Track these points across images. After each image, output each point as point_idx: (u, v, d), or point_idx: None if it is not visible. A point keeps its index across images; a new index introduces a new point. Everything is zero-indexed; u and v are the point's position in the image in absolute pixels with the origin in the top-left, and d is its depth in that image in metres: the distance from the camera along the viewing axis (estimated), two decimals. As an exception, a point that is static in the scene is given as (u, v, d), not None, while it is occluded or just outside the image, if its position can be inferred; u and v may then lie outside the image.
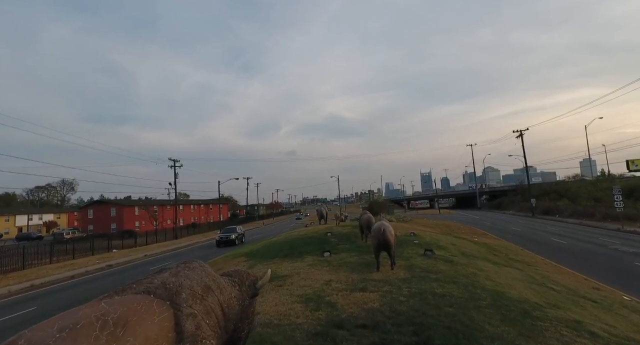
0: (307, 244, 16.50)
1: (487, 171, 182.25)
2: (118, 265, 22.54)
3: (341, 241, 17.37)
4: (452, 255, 12.40)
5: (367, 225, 15.74)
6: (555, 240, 23.88)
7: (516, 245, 22.31)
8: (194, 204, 74.72)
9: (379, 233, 9.53)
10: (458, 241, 19.74)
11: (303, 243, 17.24)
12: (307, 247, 15.58)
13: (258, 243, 25.10)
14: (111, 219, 53.35)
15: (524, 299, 7.46)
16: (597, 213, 36.16)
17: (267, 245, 20.14)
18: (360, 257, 12.00)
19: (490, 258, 14.14)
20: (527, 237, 26.99)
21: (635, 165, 58.24)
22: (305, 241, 17.88)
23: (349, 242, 16.75)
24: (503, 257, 15.76)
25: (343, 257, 12.13)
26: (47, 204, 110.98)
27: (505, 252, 17.73)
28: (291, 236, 22.44)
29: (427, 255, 11.76)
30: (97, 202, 57.35)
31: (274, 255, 14.24)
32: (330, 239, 18.37)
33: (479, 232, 31.26)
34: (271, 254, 14.96)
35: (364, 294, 7.16)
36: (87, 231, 53.27)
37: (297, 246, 16.23)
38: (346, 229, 23.04)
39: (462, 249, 15.43)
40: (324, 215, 30.63)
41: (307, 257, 12.71)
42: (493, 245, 20.95)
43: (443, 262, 10.61)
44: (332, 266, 10.60)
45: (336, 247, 14.85)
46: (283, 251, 15.10)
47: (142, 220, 55.60)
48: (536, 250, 20.19)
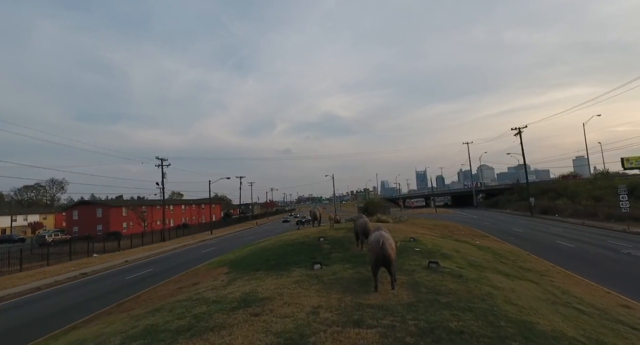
0: (296, 252, 14.94)
1: (482, 169, 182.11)
2: (94, 273, 20.81)
3: (335, 248, 15.85)
4: (459, 267, 10.93)
5: (362, 230, 14.22)
6: (562, 244, 22.61)
7: (521, 249, 20.99)
8: (185, 204, 72.68)
9: (378, 247, 8.01)
10: (460, 246, 18.32)
11: (293, 250, 15.69)
12: (297, 256, 14.03)
13: (247, 247, 23.51)
14: (97, 220, 51.24)
15: (559, 332, 5.97)
16: (599, 213, 35.08)
17: (255, 251, 18.56)
18: (356, 270, 10.49)
19: (500, 268, 12.70)
20: (530, 239, 25.72)
21: (631, 163, 57.69)
22: (295, 248, 16.33)
23: (343, 249, 15.24)
24: (512, 265, 14.35)
25: (336, 270, 10.60)
26: (35, 204, 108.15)
27: (512, 259, 16.35)
28: (281, 241, 20.89)
29: (431, 268, 10.27)
30: (82, 203, 55.11)
31: (258, 267, 12.67)
32: (322, 244, 16.83)
33: (480, 233, 29.96)
34: (256, 264, 13.39)
35: (360, 330, 5.62)
36: (72, 233, 51.20)
37: (286, 254, 14.68)
38: (340, 233, 21.55)
39: (468, 257, 13.98)
40: (317, 217, 29.08)
41: (295, 270, 11.16)
42: (498, 250, 19.58)
43: (451, 278, 9.11)
44: (322, 284, 9.05)
45: (329, 257, 13.32)
46: (269, 261, 13.53)
47: (130, 222, 53.59)
48: (544, 255, 18.86)
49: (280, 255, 14.85)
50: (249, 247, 22.45)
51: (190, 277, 14.33)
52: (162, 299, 10.63)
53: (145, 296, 11.93)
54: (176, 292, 10.94)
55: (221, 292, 9.05)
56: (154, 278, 17.23)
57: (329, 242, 17.65)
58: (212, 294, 8.94)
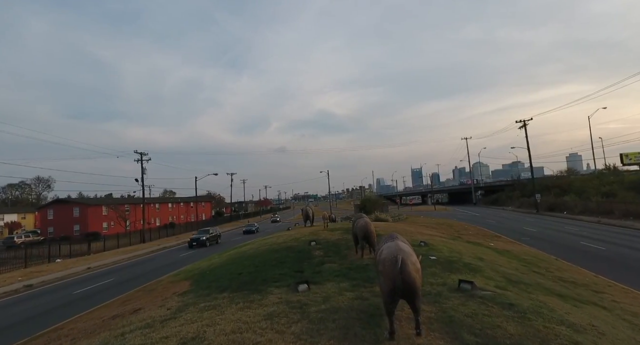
0: (280, 262, 11.86)
1: (478, 166, 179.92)
2: (42, 284, 17.53)
3: (328, 254, 12.82)
4: (499, 286, 7.93)
5: (363, 235, 11.19)
6: (588, 245, 19.79)
7: (544, 252, 18.11)
8: (172, 202, 69.11)
9: (395, 270, 4.91)
10: (479, 251, 15.37)
11: (276, 259, 12.61)
12: (279, 267, 10.95)
13: (227, 251, 20.37)
14: (74, 220, 47.54)
15: None
16: (615, 210, 32.46)
17: (232, 259, 15.45)
18: (357, 293, 7.46)
19: (544, 283, 9.74)
20: (548, 240, 22.89)
21: (629, 159, 55.59)
22: (280, 255, 13.25)
23: (339, 257, 12.20)
24: (551, 277, 11.41)
25: (329, 294, 7.54)
26: (20, 203, 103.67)
27: (544, 267, 13.43)
28: (266, 244, 17.79)
29: (464, 291, 7.24)
30: (57, 201, 51.24)
31: (226, 284, 9.56)
32: (313, 250, 13.79)
33: (489, 233, 27.11)
34: (225, 279, 10.27)
35: None
36: (47, 234, 47.54)
37: (266, 265, 11.60)
38: (335, 234, 18.52)
39: (497, 267, 11.00)
40: (309, 217, 25.99)
41: (273, 292, 8.08)
42: (519, 254, 16.68)
43: (500, 310, 6.09)
44: (307, 320, 5.98)
45: (320, 269, 10.26)
46: (243, 275, 10.43)
47: (110, 221, 50.04)
48: (575, 260, 15.98)
49: (259, 265, 11.77)
50: (229, 252, 19.33)
51: (141, 297, 11.19)
52: (79, 337, 7.48)
53: (67, 329, 8.79)
54: (104, 326, 7.81)
55: (153, 335, 5.94)
56: (105, 293, 14.07)
57: (321, 246, 14.61)
58: (138, 340, 5.82)
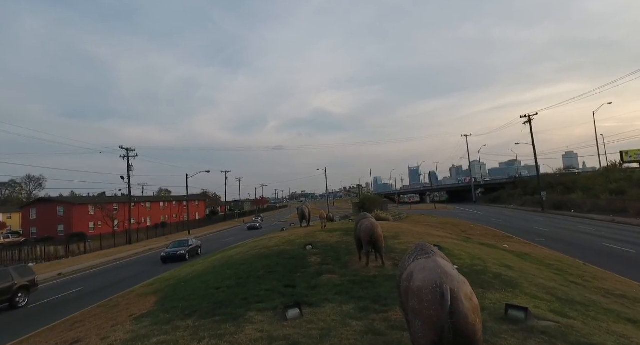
0: (268, 272, 9.84)
1: (476, 164, 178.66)
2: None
3: (326, 261, 10.84)
4: (556, 310, 5.97)
5: (369, 239, 9.22)
6: (614, 247, 17.90)
7: (568, 256, 16.21)
8: (164, 200, 66.82)
9: (442, 311, 2.88)
10: (499, 255, 13.43)
11: (264, 267, 10.59)
12: (267, 279, 8.92)
13: (213, 255, 18.32)
14: (58, 220, 45.21)
15: None
16: (629, 208, 30.71)
17: (215, 266, 13.41)
18: (365, 320, 5.48)
19: (598, 301, 7.78)
20: (566, 241, 21.02)
21: (630, 156, 54.10)
22: (270, 263, 11.23)
23: (339, 264, 10.23)
24: (595, 289, 9.47)
25: (328, 324, 5.53)
26: (9, 203, 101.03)
27: (577, 274, 11.51)
28: (256, 247, 15.78)
29: (516, 321, 5.24)
30: (40, 200, 48.81)
31: (195, 305, 7.52)
32: (309, 256, 11.80)
33: (499, 233, 25.23)
34: (195, 298, 8.22)
35: None
36: (30, 234, 45.22)
37: (251, 276, 9.56)
38: (334, 236, 16.55)
39: (534, 278, 9.04)
40: (306, 216, 24.01)
41: (252, 321, 6.05)
42: (542, 258, 14.77)
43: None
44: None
45: (316, 283, 8.26)
46: (220, 292, 8.39)
47: (98, 221, 47.76)
48: (605, 265, 14.07)
49: (243, 276, 9.74)
50: (216, 256, 17.29)
51: (95, 317, 9.13)
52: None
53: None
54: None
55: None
56: (62, 308, 11.82)
57: (318, 251, 12.63)
58: None
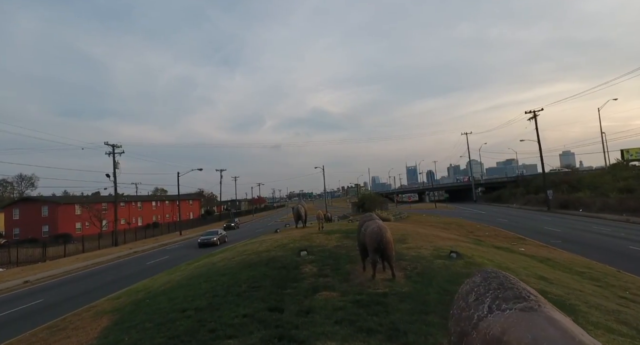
0: (252, 287, 7.94)
1: (476, 162, 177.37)
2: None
3: (324, 271, 8.98)
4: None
5: (376, 246, 7.38)
6: (644, 251, 16.14)
7: (596, 261, 14.41)
8: (156, 200, 64.65)
9: None
10: (524, 262, 11.60)
11: (248, 280, 8.68)
12: (246, 302, 6.98)
13: (197, 261, 16.35)
14: (42, 220, 43.03)
15: None
16: (645, 207, 29.05)
17: (189, 278, 11.50)
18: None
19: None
20: (585, 243, 19.22)
21: (630, 155, 52.70)
22: (256, 274, 9.33)
23: (339, 276, 8.36)
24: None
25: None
26: (0, 203, 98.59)
27: (618, 285, 9.67)
28: (244, 253, 13.86)
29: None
30: (24, 200, 46.61)
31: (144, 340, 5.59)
32: (303, 264, 9.93)
33: (510, 234, 23.42)
34: (151, 327, 6.29)
35: None
36: (12, 236, 43.01)
37: (229, 294, 7.63)
38: (333, 239, 14.71)
39: (583, 295, 7.19)
40: (302, 216, 22.11)
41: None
42: (569, 264, 12.95)
43: None
44: None
45: (311, 304, 6.35)
46: (185, 316, 6.48)
47: (85, 221, 45.60)
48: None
49: (219, 293, 7.81)
50: (199, 262, 15.34)
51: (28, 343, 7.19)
52: None
53: None
54: None
55: None
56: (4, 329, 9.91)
57: (314, 258, 10.75)
58: None
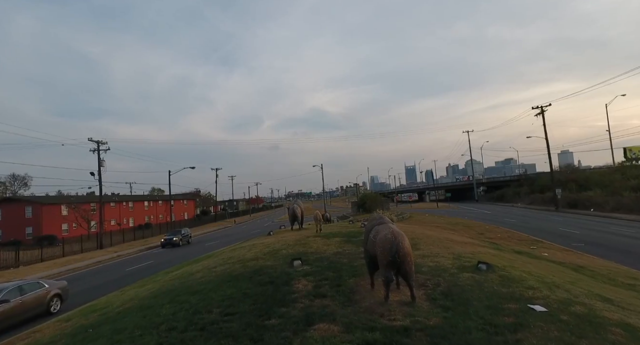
0: (227, 314, 5.96)
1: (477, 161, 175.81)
2: None
3: (321, 288, 6.98)
4: None
5: (391, 258, 5.41)
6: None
7: (635, 268, 12.53)
8: (149, 200, 62.50)
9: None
10: (563, 273, 9.68)
11: (222, 302, 6.68)
12: (213, 338, 4.99)
13: (182, 266, 14.34)
14: (26, 222, 40.90)
15: None
16: (664, 207, 27.24)
17: (157, 294, 9.52)
18: None
19: None
20: (610, 246, 17.36)
21: (633, 153, 51.12)
22: (235, 293, 7.34)
23: (340, 295, 6.38)
24: None
25: None
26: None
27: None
28: (228, 261, 11.87)
29: None
30: (6, 200, 44.41)
31: None
32: (296, 279, 7.95)
33: (524, 236, 21.54)
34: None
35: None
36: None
37: (187, 330, 5.63)
38: (332, 244, 12.75)
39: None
40: (297, 217, 20.15)
41: None
42: (609, 274, 11.06)
43: None
44: None
45: (303, 343, 4.36)
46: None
47: (72, 223, 43.51)
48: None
49: (181, 325, 5.80)
50: (176, 272, 13.34)
51: None
52: None
53: None
54: None
55: None
56: None
57: (310, 269, 8.77)
58: None
